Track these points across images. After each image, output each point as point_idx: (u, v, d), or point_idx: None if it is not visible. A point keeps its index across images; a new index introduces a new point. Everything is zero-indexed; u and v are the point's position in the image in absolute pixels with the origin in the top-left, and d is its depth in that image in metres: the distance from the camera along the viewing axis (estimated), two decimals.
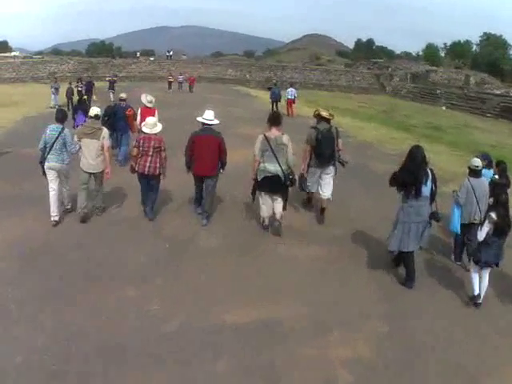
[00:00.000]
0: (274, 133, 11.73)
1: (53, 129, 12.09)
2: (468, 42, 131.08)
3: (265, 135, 11.72)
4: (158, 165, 12.53)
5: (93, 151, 12.31)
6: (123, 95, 20.07)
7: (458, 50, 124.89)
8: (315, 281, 9.95)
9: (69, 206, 12.86)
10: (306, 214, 13.94)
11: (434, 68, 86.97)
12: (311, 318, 8.54)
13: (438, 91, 65.52)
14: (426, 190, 9.53)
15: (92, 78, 45.09)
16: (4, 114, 31.19)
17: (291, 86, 42.08)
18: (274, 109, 37.22)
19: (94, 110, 13.13)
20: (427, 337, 8.23)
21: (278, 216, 12.09)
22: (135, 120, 18.47)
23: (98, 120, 13.13)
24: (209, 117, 12.38)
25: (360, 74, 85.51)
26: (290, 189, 12.29)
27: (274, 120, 11.94)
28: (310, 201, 14.41)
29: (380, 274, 10.46)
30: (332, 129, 12.86)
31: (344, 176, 16.67)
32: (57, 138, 11.94)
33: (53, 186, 12.16)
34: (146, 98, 18.48)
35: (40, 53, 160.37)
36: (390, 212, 10.84)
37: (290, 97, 39.02)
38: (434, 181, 9.72)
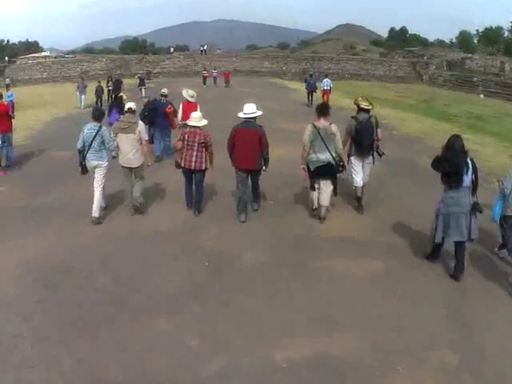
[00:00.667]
0: (322, 123, 11.84)
1: (90, 127, 12.14)
2: (499, 28, 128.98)
3: (314, 125, 11.84)
4: (203, 159, 12.51)
5: (129, 146, 12.38)
6: (164, 91, 19.95)
7: (491, 37, 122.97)
8: (376, 302, 8.75)
9: (96, 215, 12.31)
10: (356, 220, 12.80)
11: (470, 55, 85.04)
12: (375, 352, 7.30)
13: (475, 79, 63.87)
14: (466, 180, 9.33)
15: (120, 75, 44.17)
16: (34, 116, 30.95)
17: (326, 76, 42.49)
18: (310, 99, 38.53)
19: (129, 104, 13.20)
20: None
21: (323, 209, 12.35)
22: (175, 116, 18.51)
23: (133, 114, 13.03)
24: (249, 110, 12.19)
25: (396, 63, 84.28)
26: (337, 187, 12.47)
27: (322, 111, 12.05)
28: (358, 197, 13.58)
29: (445, 287, 9.43)
30: (371, 119, 12.78)
31: (394, 173, 16.56)
32: (95, 136, 11.98)
33: (95, 184, 12.22)
34: (188, 93, 18.29)
35: (73, 52, 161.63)
36: None
37: (325, 87, 39.38)
38: (474, 171, 9.46)
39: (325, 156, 11.80)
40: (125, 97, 22.33)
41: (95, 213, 12.13)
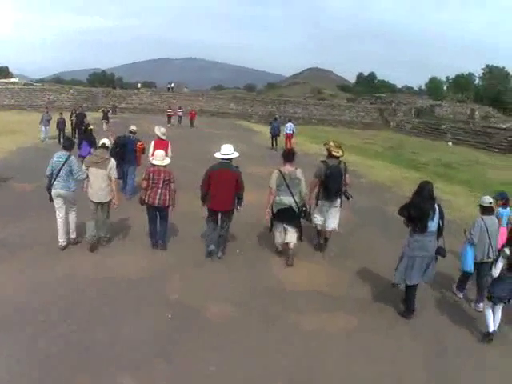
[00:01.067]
0: (288, 168, 12.37)
1: (59, 156, 12.39)
2: (471, 75, 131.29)
3: (280, 170, 12.33)
4: (167, 197, 12.75)
5: (100, 181, 12.48)
6: (133, 128, 19.89)
7: (462, 83, 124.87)
8: (351, 363, 8.29)
9: (74, 236, 12.85)
10: (326, 272, 12.36)
11: (439, 102, 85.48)
12: None
13: (444, 126, 64.23)
14: (432, 225, 9.62)
15: (85, 108, 42.73)
16: None
17: (289, 121, 43.03)
18: (275, 143, 39.98)
19: (103, 140, 13.50)
20: None
21: (291, 245, 12.57)
22: (143, 153, 18.88)
23: (106, 150, 13.27)
24: (226, 151, 12.37)
25: (363, 109, 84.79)
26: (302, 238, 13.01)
27: (288, 157, 12.57)
28: (320, 233, 14.07)
29: (422, 344, 9.12)
30: (341, 164, 13.25)
31: (362, 223, 16.55)
32: (63, 165, 12.20)
33: (59, 214, 12.45)
34: (160, 130, 18.38)
35: (41, 80, 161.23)
36: None
37: (288, 131, 39.88)
38: (441, 216, 9.78)
39: (288, 200, 12.29)
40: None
41: (62, 242, 12.47)
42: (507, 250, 9.09)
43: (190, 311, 9.67)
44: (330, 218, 13.42)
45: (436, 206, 9.71)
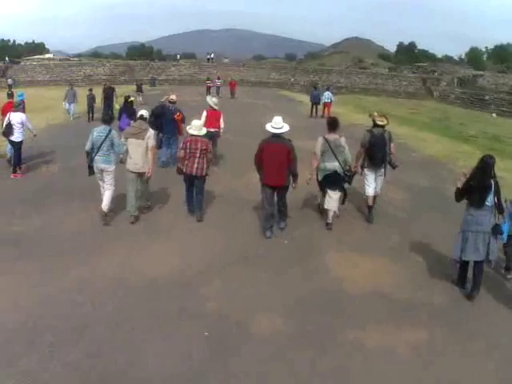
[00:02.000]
0: (332, 136, 12.49)
1: (100, 131, 12.46)
2: (509, 46, 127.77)
3: (325, 137, 12.46)
4: (205, 166, 12.88)
5: (138, 151, 12.52)
6: (173, 97, 19.66)
7: (501, 54, 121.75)
8: None
9: (105, 209, 12.53)
10: (389, 268, 10.70)
11: (481, 72, 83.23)
12: None
13: (487, 97, 62.23)
14: (488, 200, 9.31)
15: (111, 82, 40.36)
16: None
17: (327, 89, 43.11)
18: (315, 111, 40.58)
19: (141, 112, 13.59)
20: None
21: (330, 214, 12.86)
22: (183, 123, 18.34)
23: (144, 121, 13.18)
24: (277, 124, 12.00)
25: (406, 79, 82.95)
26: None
27: (333, 125, 12.68)
28: (370, 206, 13.87)
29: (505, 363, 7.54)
30: (385, 133, 13.19)
31: (423, 207, 15.23)
32: (104, 139, 12.30)
33: (103, 186, 12.77)
34: (212, 100, 18.81)
35: (79, 55, 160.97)
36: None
37: (326, 100, 39.91)
38: (497, 193, 9.40)
39: (332, 165, 12.42)
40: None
41: (104, 207, 12.44)
42: None
43: (231, 325, 8.06)
44: (375, 185, 13.45)
45: (492, 181, 9.31)
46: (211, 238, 11.85)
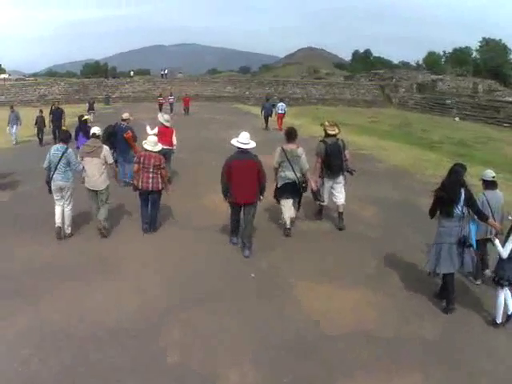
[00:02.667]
0: (290, 146, 12.93)
1: (57, 149, 12.64)
2: (468, 49, 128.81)
3: (282, 148, 12.92)
4: (159, 180, 13.10)
5: (95, 169, 12.79)
6: (126, 115, 19.47)
7: (460, 57, 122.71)
8: None
9: (68, 231, 12.91)
10: (369, 300, 9.66)
11: (440, 77, 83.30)
12: None
13: (449, 101, 62.43)
14: (458, 210, 9.23)
15: (59, 102, 37.64)
16: None
17: (281, 100, 45.33)
18: (266, 123, 40.16)
19: (93, 129, 13.64)
20: None
21: (288, 220, 13.24)
22: (135, 141, 18.24)
23: (97, 139, 13.39)
24: (244, 139, 11.91)
25: (364, 87, 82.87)
26: None
27: (290, 136, 13.13)
28: (320, 212, 14.88)
29: None
30: (339, 142, 13.69)
31: (399, 225, 14.48)
32: (61, 157, 12.42)
33: (58, 204, 12.73)
34: (164, 117, 18.82)
35: (35, 74, 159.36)
36: None
37: (280, 111, 40.60)
38: (470, 201, 9.30)
39: (291, 175, 12.83)
40: (90, 119, 22.30)
41: (59, 223, 12.63)
42: None
43: (195, 383, 7.00)
44: (337, 194, 13.87)
45: (462, 190, 9.20)
46: (168, 271, 10.76)
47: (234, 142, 11.99)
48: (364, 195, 16.38)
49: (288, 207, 13.20)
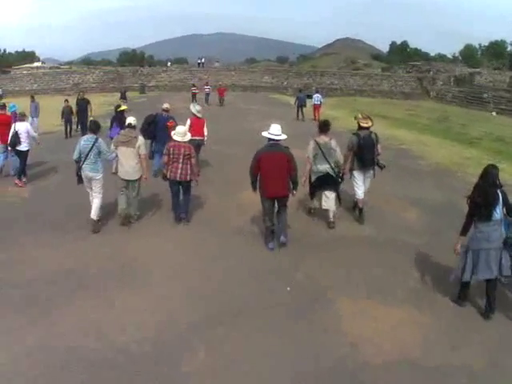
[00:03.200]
0: (323, 138, 12.90)
1: (87, 139, 12.66)
2: (503, 42, 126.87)
3: (315, 140, 12.87)
4: (189, 171, 13.01)
5: (129, 159, 12.86)
6: (166, 106, 19.39)
7: (496, 50, 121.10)
8: None
9: (95, 218, 12.77)
10: (413, 320, 8.69)
11: (478, 70, 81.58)
12: None
13: (485, 95, 60.85)
14: (497, 213, 8.77)
15: (85, 92, 35.46)
16: None
17: (317, 91, 44.40)
18: (301, 113, 40.46)
19: (129, 119, 13.61)
20: None
21: (331, 213, 13.24)
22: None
23: (133, 129, 13.38)
24: (275, 131, 11.59)
25: (401, 79, 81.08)
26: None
27: (323, 128, 13.11)
28: (355, 206, 14.34)
29: None
30: (372, 135, 13.45)
31: (443, 230, 12.94)
32: (91, 148, 12.44)
33: (94, 194, 12.82)
34: (195, 108, 18.93)
35: (70, 63, 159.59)
36: None
37: (316, 102, 40.84)
38: (505, 203, 8.89)
39: (324, 167, 12.82)
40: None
41: (94, 216, 12.63)
42: None
43: None
44: (364, 187, 13.71)
45: (499, 192, 8.82)
46: (194, 281, 9.88)
47: (264, 133, 11.76)
48: (404, 195, 15.76)
49: (331, 198, 13.06)
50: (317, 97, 41.19)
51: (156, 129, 18.03)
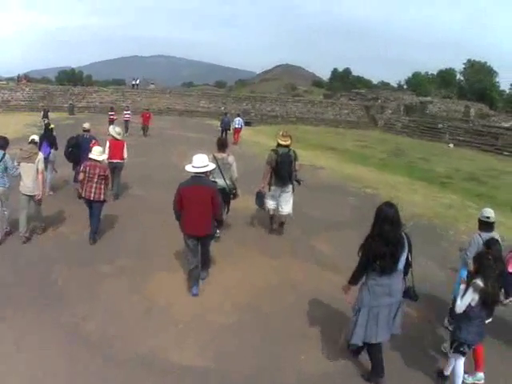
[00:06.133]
0: (221, 154, 13.55)
1: None
2: (452, 70, 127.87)
3: (214, 155, 13.31)
4: (102, 191, 13.28)
5: (29, 174, 12.97)
6: (86, 125, 19.04)
7: (445, 79, 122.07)
8: None
9: (7, 229, 13.27)
10: None
11: (429, 98, 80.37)
12: None
13: (441, 125, 58.91)
14: (402, 261, 7.51)
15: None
16: None
17: (238, 115, 47.07)
18: (224, 136, 37.68)
19: (32, 137, 14.60)
20: None
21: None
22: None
23: (35, 145, 13.95)
24: (198, 163, 10.57)
25: (347, 107, 78.63)
26: None
27: (221, 145, 13.79)
28: (271, 222, 15.23)
29: None
30: (290, 152, 14.12)
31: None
32: None
33: None
34: (115, 130, 18.83)
35: (10, 79, 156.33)
36: None
37: (237, 126, 43.13)
38: (409, 248, 7.62)
39: (220, 182, 13.27)
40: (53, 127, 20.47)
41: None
42: (479, 282, 7.30)
43: None
44: (284, 203, 14.49)
45: (403, 234, 7.53)
46: None
47: (188, 168, 10.79)
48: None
49: None
50: (238, 120, 43.68)
51: (80, 151, 17.42)
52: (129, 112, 44.69)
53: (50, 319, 9.12)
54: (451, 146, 51.03)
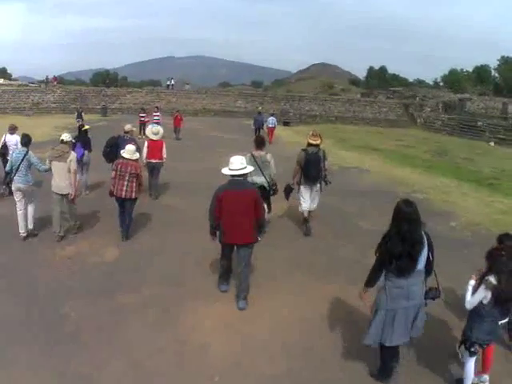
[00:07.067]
0: (259, 152, 13.66)
1: (18, 152, 13.27)
2: (487, 67, 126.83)
3: (252, 154, 13.53)
4: (134, 189, 13.39)
5: (61, 173, 13.09)
6: (127, 127, 18.84)
7: (481, 76, 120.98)
8: None
9: (31, 227, 13.41)
10: None
11: (468, 96, 77.91)
12: None
13: (480, 123, 56.82)
14: (420, 262, 7.06)
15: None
16: None
17: (272, 115, 45.97)
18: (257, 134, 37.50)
19: (62, 136, 13.99)
20: None
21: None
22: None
23: (65, 144, 13.62)
24: (236, 165, 9.91)
25: (386, 105, 76.89)
26: None
27: (259, 143, 13.91)
28: (305, 221, 15.05)
29: None
30: (319, 152, 14.19)
31: None
32: (22, 160, 12.93)
33: (20, 206, 13.15)
34: (152, 130, 19.33)
35: (40, 82, 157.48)
36: None
37: (270, 125, 42.79)
38: (430, 247, 7.15)
39: (260, 180, 13.39)
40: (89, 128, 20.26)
41: (23, 233, 13.09)
42: (492, 279, 6.94)
43: None
44: (310, 201, 14.55)
45: (424, 233, 7.06)
46: None
47: (225, 170, 10.20)
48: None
49: None
50: (271, 119, 43.31)
51: (118, 151, 16.52)
52: (158, 114, 43.34)
53: (57, 366, 7.55)
54: (492, 144, 49.35)
